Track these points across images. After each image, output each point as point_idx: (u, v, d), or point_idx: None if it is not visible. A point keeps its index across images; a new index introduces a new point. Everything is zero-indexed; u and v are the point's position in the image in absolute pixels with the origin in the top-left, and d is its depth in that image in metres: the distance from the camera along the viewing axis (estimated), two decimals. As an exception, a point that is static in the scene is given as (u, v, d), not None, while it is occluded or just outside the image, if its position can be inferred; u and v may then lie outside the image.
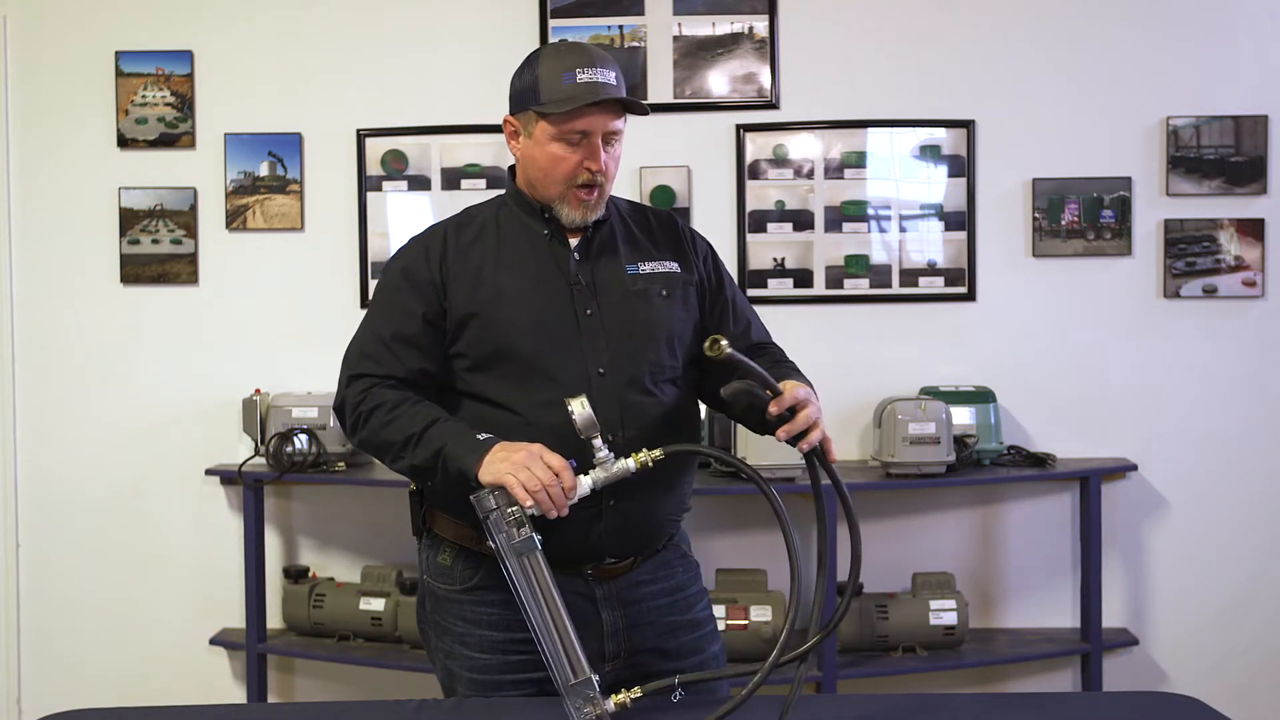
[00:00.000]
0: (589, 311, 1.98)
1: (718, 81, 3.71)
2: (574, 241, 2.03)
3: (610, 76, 1.97)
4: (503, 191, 2.11)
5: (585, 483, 1.81)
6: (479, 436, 1.85)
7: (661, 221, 2.14)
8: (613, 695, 1.73)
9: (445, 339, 2.00)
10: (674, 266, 2.07)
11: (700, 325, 2.08)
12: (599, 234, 2.06)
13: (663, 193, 3.68)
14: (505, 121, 2.04)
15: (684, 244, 2.11)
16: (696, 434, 2.19)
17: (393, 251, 2.11)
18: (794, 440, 1.82)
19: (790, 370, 2.04)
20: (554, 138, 1.96)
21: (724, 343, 1.73)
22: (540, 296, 1.98)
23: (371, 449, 1.98)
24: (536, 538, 1.75)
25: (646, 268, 2.04)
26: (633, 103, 1.99)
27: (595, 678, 1.73)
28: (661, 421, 1.97)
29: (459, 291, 1.98)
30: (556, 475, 1.76)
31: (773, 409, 1.81)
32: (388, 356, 1.98)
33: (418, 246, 2.05)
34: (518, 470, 1.75)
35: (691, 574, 2.12)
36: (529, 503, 1.74)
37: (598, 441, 1.81)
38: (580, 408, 1.79)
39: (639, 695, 1.73)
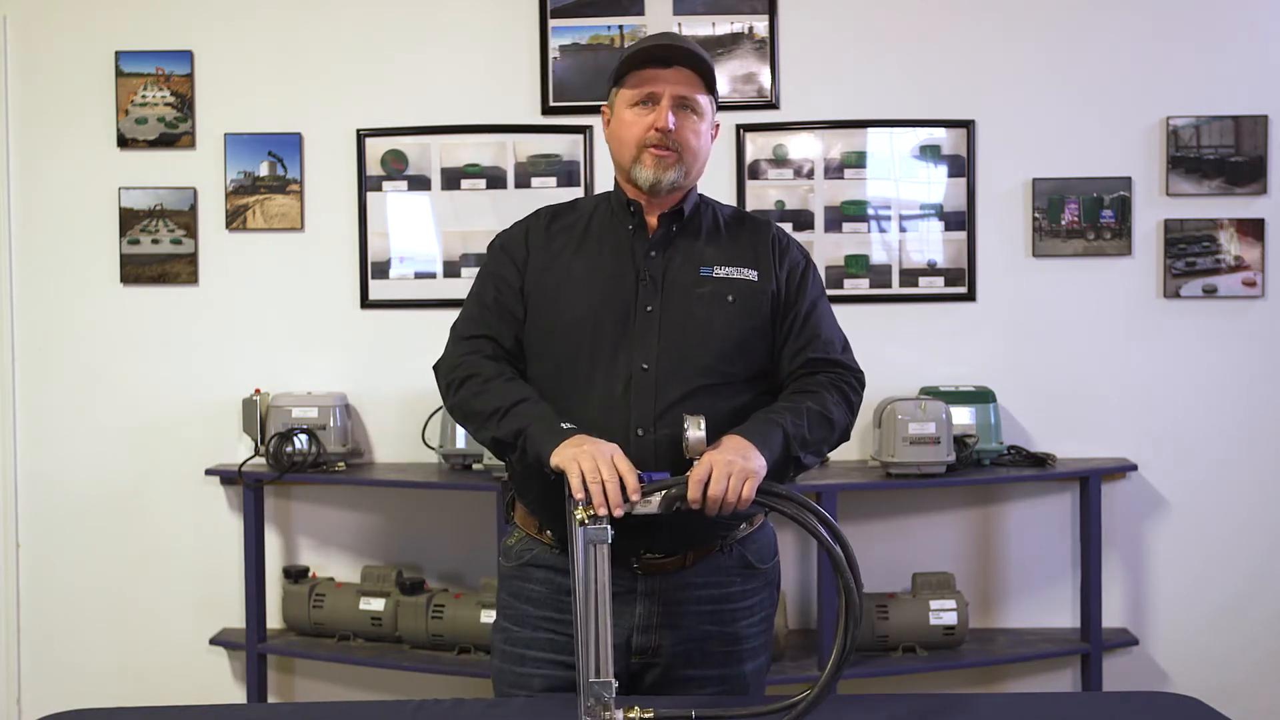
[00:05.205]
0: (649, 308, 1.99)
1: (718, 81, 3.69)
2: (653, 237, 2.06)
3: (682, 42, 2.08)
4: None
5: (655, 499, 1.79)
6: (563, 425, 1.86)
7: (755, 229, 2.13)
8: (624, 709, 1.71)
9: None
10: (751, 275, 2.05)
11: (770, 337, 2.06)
12: (683, 231, 2.07)
13: (663, 193, 3.68)
14: (601, 112, 2.14)
15: (769, 253, 2.08)
16: None
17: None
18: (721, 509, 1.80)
19: (783, 410, 1.96)
20: (628, 104, 2.05)
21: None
22: (603, 287, 2.01)
23: (460, 416, 2.01)
24: (610, 531, 1.75)
25: (721, 272, 2.04)
26: (694, 57, 2.04)
27: (614, 683, 1.72)
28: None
29: (532, 273, 2.05)
30: (621, 478, 1.75)
31: (694, 506, 1.79)
32: (492, 319, 2.04)
33: (520, 225, 2.13)
34: (583, 459, 1.76)
35: (752, 587, 2.07)
36: (580, 493, 1.73)
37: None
38: (696, 428, 1.82)
39: (651, 717, 1.72)
